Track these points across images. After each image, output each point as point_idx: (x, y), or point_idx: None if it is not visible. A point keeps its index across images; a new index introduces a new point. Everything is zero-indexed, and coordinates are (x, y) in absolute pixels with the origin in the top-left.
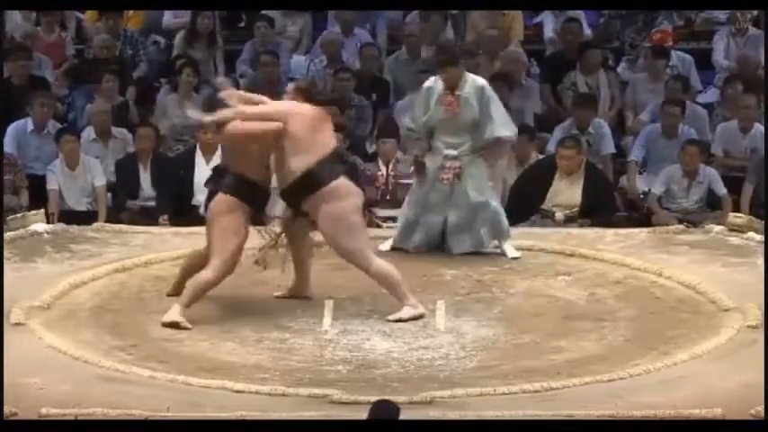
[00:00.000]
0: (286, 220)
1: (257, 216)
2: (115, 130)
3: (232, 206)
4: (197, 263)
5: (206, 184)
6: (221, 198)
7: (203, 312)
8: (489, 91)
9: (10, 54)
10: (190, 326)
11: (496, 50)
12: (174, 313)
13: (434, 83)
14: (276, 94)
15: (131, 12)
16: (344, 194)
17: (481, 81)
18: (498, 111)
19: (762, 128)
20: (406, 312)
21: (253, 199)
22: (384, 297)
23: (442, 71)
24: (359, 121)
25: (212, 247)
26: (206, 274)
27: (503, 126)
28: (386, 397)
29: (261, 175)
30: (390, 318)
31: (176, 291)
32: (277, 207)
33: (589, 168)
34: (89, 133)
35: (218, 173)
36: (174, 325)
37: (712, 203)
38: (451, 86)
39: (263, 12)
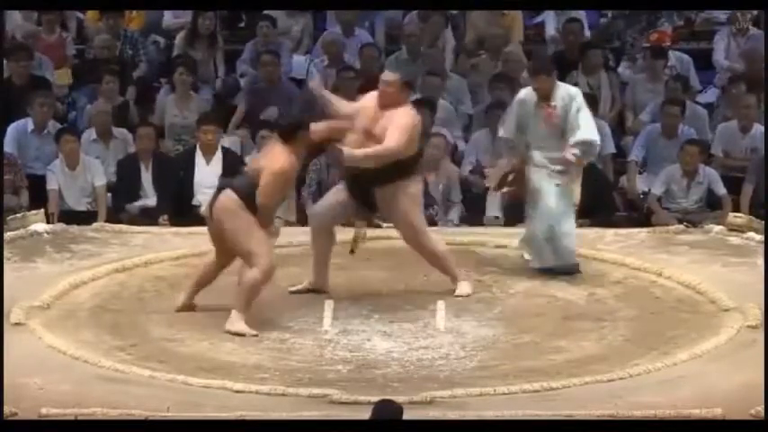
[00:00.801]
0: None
1: None
2: (116, 131)
3: (241, 206)
4: (209, 273)
5: (220, 180)
6: (231, 197)
7: (203, 312)
8: (581, 99)
9: (11, 54)
10: (255, 332)
11: (499, 50)
12: (238, 322)
13: (526, 94)
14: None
15: (134, 13)
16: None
17: (574, 89)
18: (586, 118)
19: (761, 128)
20: (466, 287)
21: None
22: (384, 297)
23: (535, 80)
24: None
25: (246, 246)
26: (254, 275)
27: (588, 131)
28: (388, 397)
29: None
30: (458, 294)
31: (187, 306)
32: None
33: (588, 168)
34: (90, 134)
35: (232, 172)
36: (241, 335)
37: (712, 203)
38: (545, 96)
39: (266, 11)
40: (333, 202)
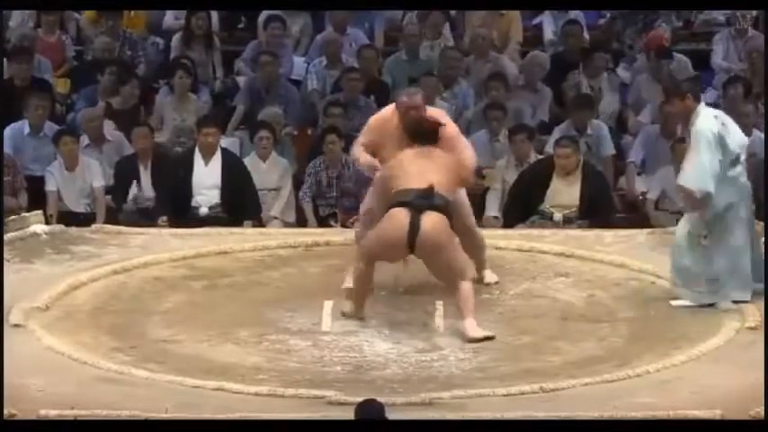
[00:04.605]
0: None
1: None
2: (109, 134)
3: (448, 224)
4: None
5: (414, 203)
6: (441, 218)
7: (203, 313)
8: (700, 132)
9: (13, 55)
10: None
11: (486, 51)
12: (478, 328)
13: None
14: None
15: (132, 14)
16: None
17: (696, 123)
18: (692, 159)
19: (760, 134)
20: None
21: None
22: (383, 298)
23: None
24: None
25: (459, 264)
26: (470, 286)
27: (685, 176)
28: (374, 397)
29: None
30: (488, 281)
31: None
32: (275, 208)
33: (587, 168)
34: (84, 139)
35: (425, 194)
36: (488, 337)
37: None
38: (685, 122)
39: (276, 12)
40: None
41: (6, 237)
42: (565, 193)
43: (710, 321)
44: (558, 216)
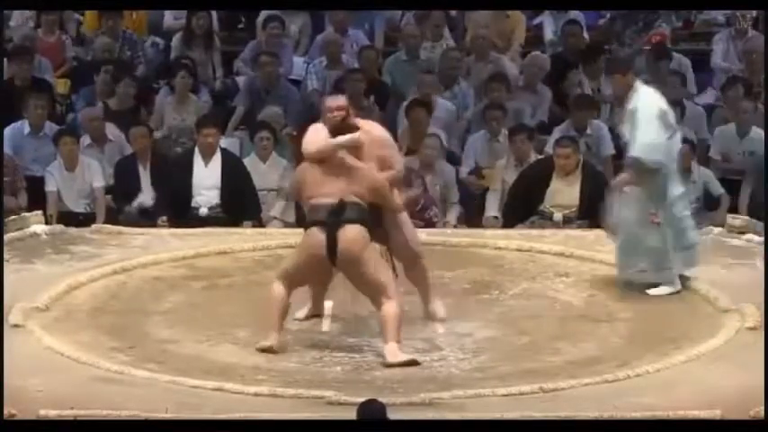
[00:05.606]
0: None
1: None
2: (111, 134)
3: (367, 235)
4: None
5: (327, 221)
6: (358, 230)
7: (202, 314)
8: (646, 107)
9: (13, 55)
10: (413, 357)
11: (487, 51)
12: (400, 353)
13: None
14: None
15: (134, 16)
16: None
17: (640, 98)
18: (642, 131)
19: (759, 131)
20: (440, 311)
21: (372, 220)
22: None
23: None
24: None
25: (378, 278)
26: (395, 306)
27: (637, 148)
28: (374, 397)
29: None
30: (440, 318)
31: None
32: (275, 208)
33: (586, 168)
34: (84, 139)
35: (337, 209)
36: (409, 363)
37: (710, 206)
38: (621, 99)
39: (274, 12)
40: None
41: (6, 237)
42: (565, 193)
43: (710, 321)
44: (557, 216)
